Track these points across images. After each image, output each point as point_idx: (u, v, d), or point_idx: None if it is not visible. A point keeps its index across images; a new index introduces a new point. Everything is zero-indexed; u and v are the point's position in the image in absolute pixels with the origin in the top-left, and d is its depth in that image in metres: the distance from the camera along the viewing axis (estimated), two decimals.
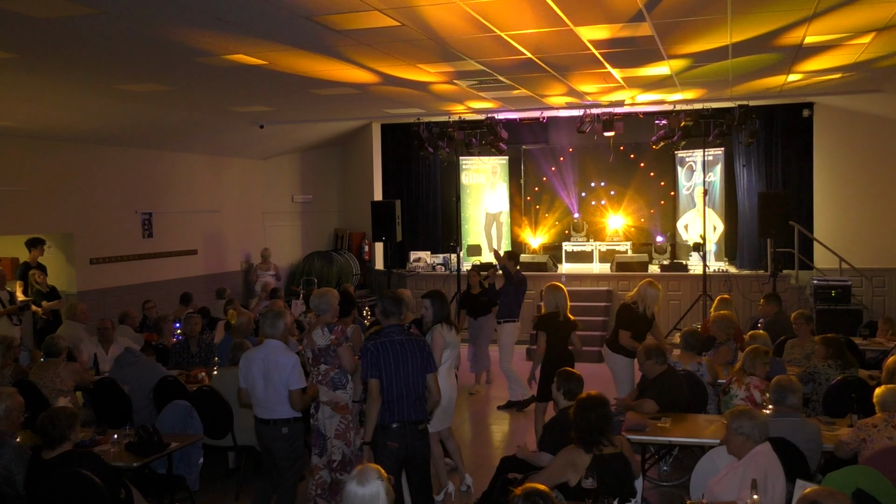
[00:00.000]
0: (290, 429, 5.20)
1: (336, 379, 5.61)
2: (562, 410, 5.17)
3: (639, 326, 7.27)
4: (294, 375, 5.10)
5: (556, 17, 5.88)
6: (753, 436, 4.21)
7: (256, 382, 5.16)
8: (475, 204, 15.05)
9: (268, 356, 5.15)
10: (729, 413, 4.42)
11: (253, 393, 5.20)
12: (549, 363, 7.06)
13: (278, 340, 5.24)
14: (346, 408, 5.64)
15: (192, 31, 5.97)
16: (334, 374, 5.61)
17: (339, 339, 5.57)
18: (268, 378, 5.12)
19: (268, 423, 5.18)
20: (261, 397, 5.17)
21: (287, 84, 8.49)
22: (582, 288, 12.94)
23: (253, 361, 5.20)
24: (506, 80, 8.70)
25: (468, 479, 6.35)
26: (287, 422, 5.17)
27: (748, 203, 13.05)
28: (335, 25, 5.97)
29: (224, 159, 13.41)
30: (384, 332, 4.95)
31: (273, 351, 5.17)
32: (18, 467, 4.69)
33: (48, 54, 6.64)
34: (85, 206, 10.69)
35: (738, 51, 7.47)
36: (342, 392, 5.63)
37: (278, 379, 5.09)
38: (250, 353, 5.32)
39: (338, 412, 5.62)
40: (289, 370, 5.08)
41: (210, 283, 12.64)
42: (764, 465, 4.12)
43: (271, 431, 5.18)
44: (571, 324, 7.27)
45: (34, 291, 9.44)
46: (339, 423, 5.62)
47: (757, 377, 5.78)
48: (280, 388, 5.10)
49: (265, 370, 5.12)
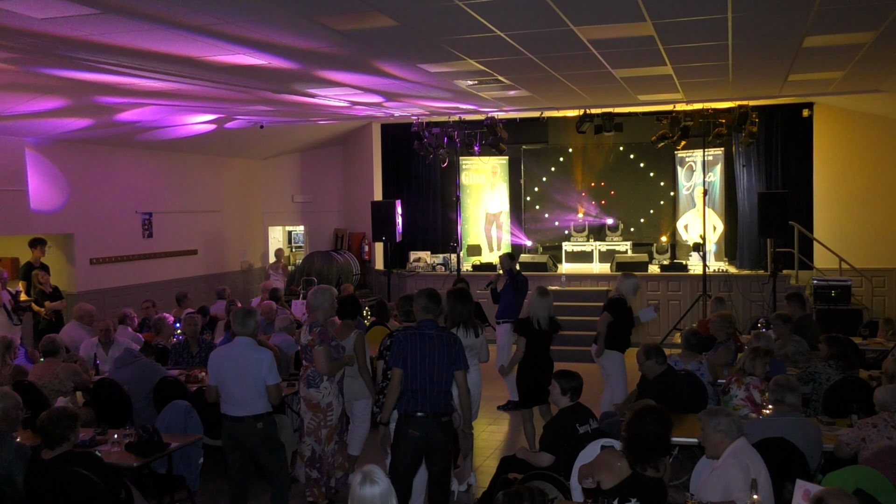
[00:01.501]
0: (265, 422, 5.28)
1: (310, 377, 5.74)
2: (562, 410, 5.18)
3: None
4: (272, 371, 5.21)
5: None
6: (731, 432, 4.23)
7: (229, 380, 5.20)
8: (475, 204, 15.04)
9: (241, 353, 5.22)
10: (703, 414, 4.41)
11: (225, 391, 5.24)
12: (525, 370, 7.03)
13: (249, 338, 5.29)
14: (317, 406, 5.74)
15: (192, 30, 5.97)
16: (310, 371, 5.74)
17: (314, 341, 5.64)
18: (242, 375, 5.17)
19: (241, 420, 5.22)
20: (236, 395, 5.21)
21: (287, 84, 8.50)
22: (582, 288, 12.94)
23: (225, 359, 5.26)
24: (505, 79, 8.71)
25: (472, 477, 6.35)
26: (261, 417, 5.25)
27: (748, 203, 13.05)
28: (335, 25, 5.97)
29: (224, 159, 13.42)
30: (418, 326, 5.06)
31: (246, 348, 5.24)
32: (19, 467, 4.69)
33: (48, 54, 6.63)
34: (85, 206, 10.69)
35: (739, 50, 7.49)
36: (314, 391, 5.74)
37: (254, 375, 5.16)
38: (221, 351, 5.40)
39: (310, 410, 5.75)
40: (266, 367, 5.18)
41: (210, 283, 12.65)
42: (745, 460, 4.14)
43: (246, 428, 5.23)
44: (552, 329, 7.14)
45: (37, 292, 9.45)
46: (311, 421, 5.75)
47: (756, 377, 5.78)
48: (256, 384, 5.17)
49: (239, 367, 5.18)
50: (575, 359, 9.98)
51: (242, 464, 5.43)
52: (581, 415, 5.10)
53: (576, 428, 4.99)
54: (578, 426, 5.00)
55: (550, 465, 4.93)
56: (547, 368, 6.85)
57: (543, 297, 7.11)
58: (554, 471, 4.81)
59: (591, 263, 14.12)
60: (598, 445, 4.69)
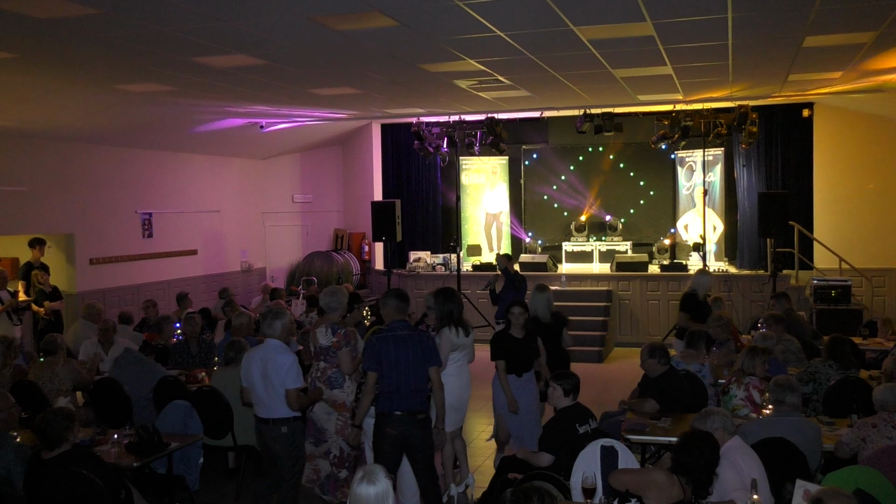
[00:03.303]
0: (290, 427, 5.22)
1: (333, 378, 5.69)
2: (561, 410, 5.18)
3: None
4: (291, 375, 5.13)
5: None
6: (728, 427, 4.28)
7: (255, 382, 5.19)
8: (475, 204, 15.05)
9: (266, 356, 5.19)
10: (696, 418, 4.41)
11: (253, 392, 5.24)
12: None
13: (277, 340, 5.26)
14: (343, 405, 5.72)
15: (191, 31, 5.97)
16: (332, 372, 5.69)
17: (339, 343, 5.64)
18: (266, 377, 5.15)
19: (267, 422, 5.21)
20: (261, 396, 5.21)
21: (287, 84, 8.50)
22: (582, 288, 12.94)
23: (252, 361, 5.24)
24: (505, 79, 8.71)
25: (470, 478, 6.35)
26: (286, 421, 5.20)
27: (748, 203, 13.05)
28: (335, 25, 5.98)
29: (224, 159, 13.41)
30: (389, 328, 5.16)
31: (271, 350, 5.20)
32: (18, 467, 4.69)
33: (48, 54, 6.64)
34: (85, 206, 10.69)
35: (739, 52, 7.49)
36: (339, 391, 5.71)
37: (276, 378, 5.12)
38: (250, 353, 5.36)
39: (335, 410, 5.71)
40: (286, 370, 5.12)
41: (210, 283, 12.65)
42: (736, 459, 4.14)
43: (271, 431, 5.21)
44: (557, 322, 7.12)
45: (37, 291, 9.45)
46: (338, 420, 5.72)
47: (756, 377, 5.78)
48: (278, 388, 5.12)
49: (264, 370, 5.16)
50: (575, 358, 9.94)
51: (273, 463, 5.33)
52: (581, 415, 5.09)
53: (575, 428, 4.99)
54: (578, 426, 5.00)
55: (550, 465, 4.93)
56: (560, 362, 6.85)
57: (541, 293, 7.16)
58: (554, 471, 4.81)
59: (590, 263, 14.12)
60: (598, 446, 4.69)
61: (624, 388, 8.14)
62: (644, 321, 12.75)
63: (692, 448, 3.80)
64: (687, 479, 3.76)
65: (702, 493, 3.76)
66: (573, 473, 4.62)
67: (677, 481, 3.77)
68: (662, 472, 3.89)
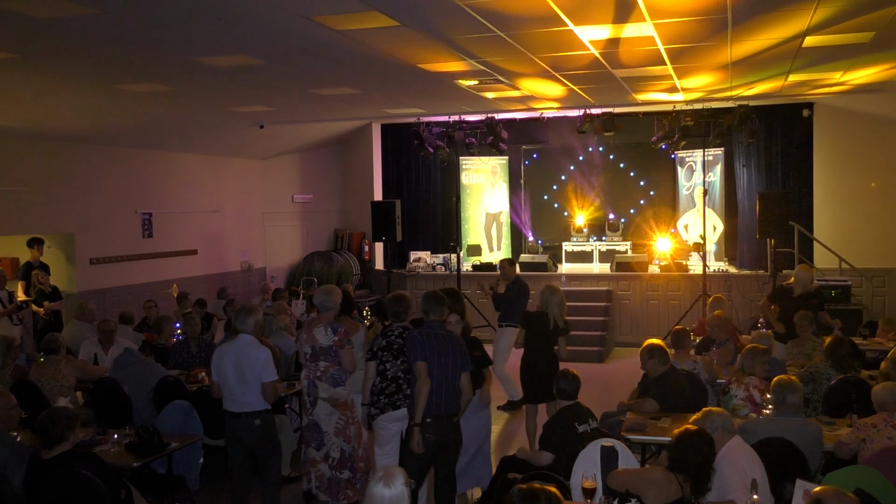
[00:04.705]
0: (262, 420, 5.36)
1: (336, 376, 5.71)
2: (561, 409, 5.19)
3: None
4: (268, 369, 5.30)
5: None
6: (728, 427, 4.28)
7: (228, 376, 5.30)
8: (475, 204, 15.05)
9: (240, 350, 5.31)
10: (695, 419, 4.41)
11: (225, 387, 5.35)
12: (529, 365, 7.03)
13: (250, 335, 5.39)
14: (346, 405, 5.73)
15: (191, 31, 5.97)
16: (334, 370, 5.70)
17: (342, 342, 5.65)
18: (240, 371, 5.26)
19: (240, 416, 5.33)
20: (234, 390, 5.31)
21: (287, 84, 8.49)
22: (582, 288, 12.94)
23: (225, 355, 5.36)
24: (506, 79, 8.70)
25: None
26: (259, 414, 5.34)
27: (748, 203, 13.05)
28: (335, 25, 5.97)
29: (224, 159, 13.41)
30: (427, 326, 5.18)
31: (245, 345, 5.34)
32: (14, 466, 4.69)
33: (48, 54, 6.63)
34: (85, 206, 10.69)
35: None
36: (342, 389, 5.73)
37: (250, 372, 5.25)
38: (222, 348, 5.50)
39: (337, 409, 5.72)
40: (262, 364, 5.28)
41: (210, 283, 12.65)
42: (738, 459, 4.15)
43: (244, 424, 5.33)
44: (560, 329, 7.13)
45: (36, 291, 9.44)
46: (339, 420, 5.72)
47: (756, 377, 5.78)
48: (252, 382, 5.26)
49: (237, 364, 5.27)
50: (576, 358, 9.96)
51: (243, 460, 5.51)
52: (580, 414, 5.10)
53: (575, 427, 5.00)
54: (578, 425, 5.01)
55: (550, 465, 4.93)
56: (555, 365, 6.86)
57: (553, 294, 7.12)
58: (554, 470, 4.81)
59: (590, 263, 14.12)
60: (598, 445, 4.69)
61: (624, 388, 8.14)
62: (644, 321, 12.75)
63: (687, 445, 3.82)
64: (684, 477, 3.77)
65: (700, 490, 3.76)
66: (573, 474, 4.62)
67: (675, 479, 3.78)
68: (660, 471, 3.90)
